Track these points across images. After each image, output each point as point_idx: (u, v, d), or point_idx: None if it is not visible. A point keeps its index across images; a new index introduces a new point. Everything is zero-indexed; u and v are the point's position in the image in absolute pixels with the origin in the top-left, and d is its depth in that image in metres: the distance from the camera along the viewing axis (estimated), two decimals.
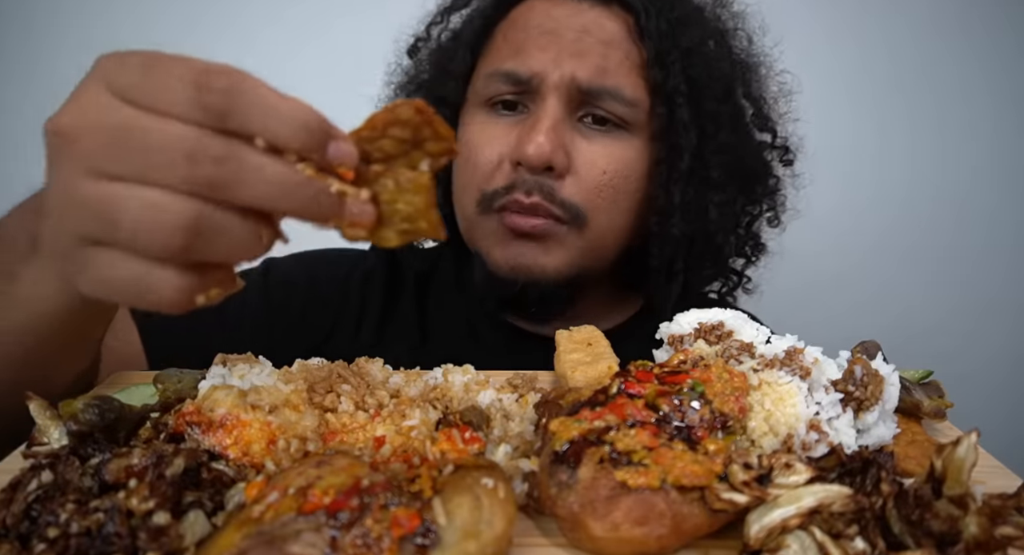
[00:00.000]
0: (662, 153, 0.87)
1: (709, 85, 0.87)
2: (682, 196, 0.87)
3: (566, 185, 0.83)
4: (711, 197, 0.89)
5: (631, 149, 0.86)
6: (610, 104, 0.83)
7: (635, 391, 0.50)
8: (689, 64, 0.85)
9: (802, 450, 0.49)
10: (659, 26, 0.84)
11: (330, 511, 0.37)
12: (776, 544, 0.40)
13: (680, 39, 0.85)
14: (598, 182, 0.84)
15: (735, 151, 0.90)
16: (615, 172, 0.85)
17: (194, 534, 0.39)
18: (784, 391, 0.51)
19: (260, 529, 0.37)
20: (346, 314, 0.96)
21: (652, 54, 0.84)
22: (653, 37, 0.84)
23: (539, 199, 0.83)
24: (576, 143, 0.84)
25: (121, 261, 0.38)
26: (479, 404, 0.58)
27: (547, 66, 0.82)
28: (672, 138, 0.86)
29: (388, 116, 0.41)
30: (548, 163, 0.81)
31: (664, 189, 0.87)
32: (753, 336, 0.60)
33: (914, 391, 0.61)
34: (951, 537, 0.40)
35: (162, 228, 0.36)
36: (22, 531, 0.40)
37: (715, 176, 0.88)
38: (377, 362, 0.64)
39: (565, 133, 0.83)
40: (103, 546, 0.38)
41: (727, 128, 0.89)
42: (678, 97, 0.85)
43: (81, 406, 0.50)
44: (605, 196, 0.85)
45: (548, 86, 0.83)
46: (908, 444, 0.55)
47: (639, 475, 0.42)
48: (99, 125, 0.37)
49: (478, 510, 0.38)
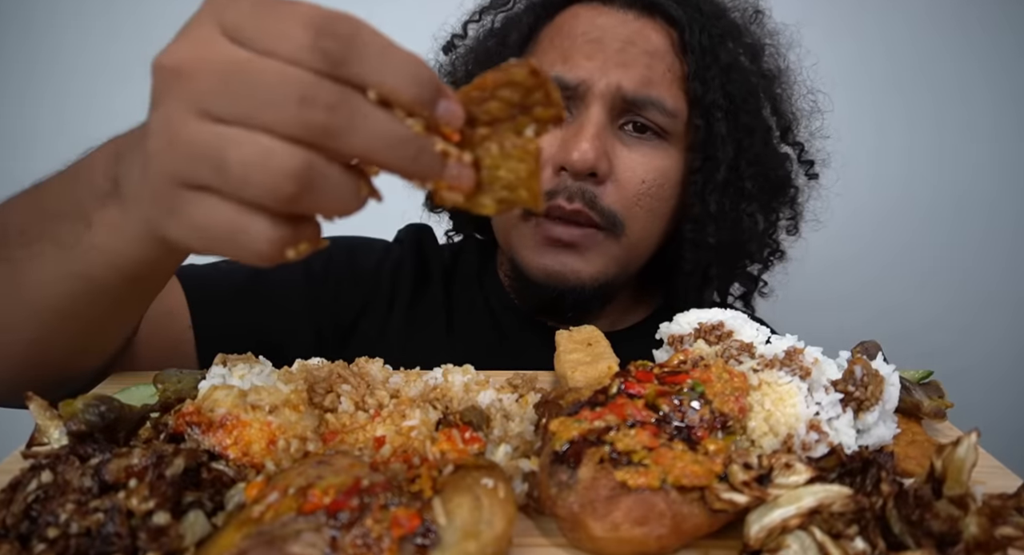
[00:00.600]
0: (698, 163, 0.89)
1: (746, 100, 0.90)
2: (718, 206, 0.90)
3: (606, 191, 0.85)
4: (744, 207, 0.92)
5: (668, 158, 0.88)
6: (651, 113, 0.86)
7: (635, 391, 0.50)
8: (728, 79, 0.88)
9: (802, 450, 0.49)
10: (701, 41, 0.87)
11: (330, 511, 0.37)
12: (776, 544, 0.40)
13: (720, 54, 0.88)
14: (637, 190, 0.86)
15: (766, 163, 0.94)
16: (652, 181, 0.87)
17: (194, 534, 0.39)
18: (784, 391, 0.51)
19: (260, 529, 0.37)
20: (378, 299, 0.97)
21: (694, 68, 0.86)
22: (695, 51, 0.86)
23: (581, 206, 0.84)
24: (617, 150, 0.86)
25: (220, 207, 0.37)
26: (479, 404, 0.58)
27: (593, 74, 0.84)
28: (709, 150, 0.88)
29: (500, 77, 0.39)
30: (592, 169, 0.83)
31: (700, 198, 0.90)
32: (753, 336, 0.60)
33: (914, 391, 0.61)
34: (951, 537, 0.40)
35: (272, 175, 0.35)
36: (22, 531, 0.40)
37: (749, 187, 0.92)
38: (377, 362, 0.64)
39: (607, 140, 0.85)
40: (103, 546, 0.38)
41: (761, 142, 0.92)
42: (716, 111, 0.87)
43: (81, 406, 0.50)
44: (643, 204, 0.87)
45: (594, 94, 0.84)
46: (908, 444, 0.55)
47: (639, 475, 0.42)
48: (211, 64, 0.36)
49: (478, 510, 0.38)
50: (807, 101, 1.01)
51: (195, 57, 0.37)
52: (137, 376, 0.67)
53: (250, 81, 0.35)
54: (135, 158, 0.43)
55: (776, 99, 0.98)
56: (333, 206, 0.38)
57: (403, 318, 0.97)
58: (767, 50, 0.99)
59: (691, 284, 0.97)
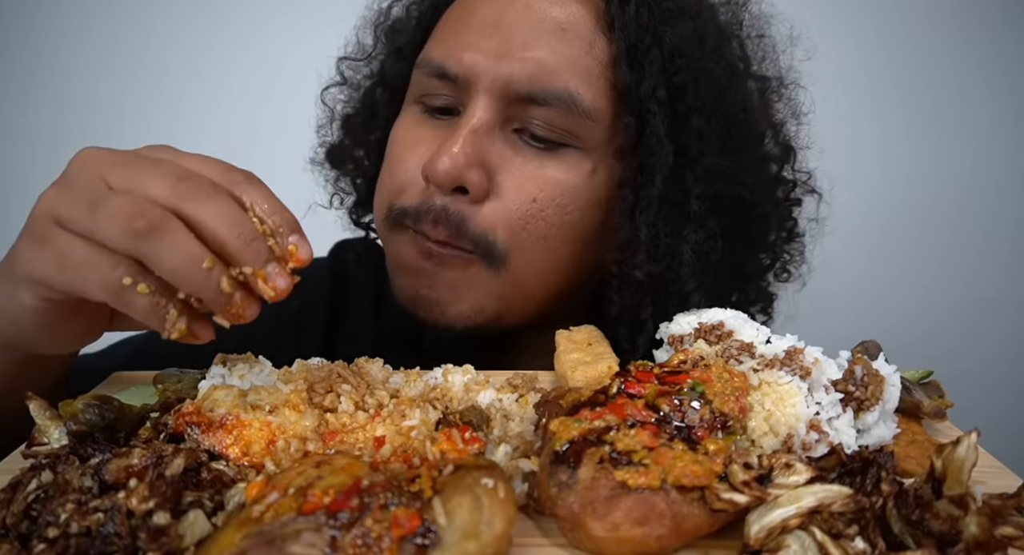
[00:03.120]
0: (627, 174, 0.71)
1: (698, 95, 0.70)
2: (649, 230, 0.71)
3: (483, 212, 0.69)
4: (687, 234, 0.72)
5: (577, 172, 0.70)
6: (553, 115, 0.68)
7: (635, 391, 0.50)
8: (673, 66, 0.69)
9: (802, 450, 0.49)
10: (639, 15, 0.68)
11: (330, 511, 0.37)
12: (776, 544, 0.40)
13: (664, 34, 0.69)
14: (524, 211, 0.69)
15: (727, 181, 0.72)
16: (549, 200, 0.69)
17: (194, 534, 0.39)
18: (784, 391, 0.51)
19: (260, 529, 0.37)
20: (286, 325, 0.87)
21: (623, 49, 0.68)
22: (629, 28, 0.68)
23: (445, 236, 0.70)
24: (505, 160, 0.70)
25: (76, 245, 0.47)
26: (479, 404, 0.58)
27: (479, 64, 0.68)
28: (643, 156, 0.70)
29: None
30: (457, 182, 0.68)
31: (628, 219, 0.71)
32: (753, 336, 0.60)
33: (914, 391, 0.61)
34: (951, 537, 0.40)
35: (91, 281, 0.46)
36: (22, 531, 0.40)
37: (695, 208, 0.71)
38: (377, 362, 0.64)
39: (491, 147, 0.69)
40: (103, 546, 0.38)
41: (716, 150, 0.71)
42: (652, 105, 0.69)
43: (81, 406, 0.50)
44: (533, 229, 0.70)
45: (478, 88, 0.69)
46: (908, 444, 0.55)
47: (639, 475, 0.42)
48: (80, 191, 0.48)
49: (478, 510, 0.38)
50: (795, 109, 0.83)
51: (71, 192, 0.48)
52: (137, 376, 0.67)
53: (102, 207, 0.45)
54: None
55: (750, 100, 0.78)
56: (143, 317, 0.47)
57: (319, 347, 0.85)
58: (749, 44, 0.80)
59: (620, 329, 0.75)
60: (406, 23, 0.83)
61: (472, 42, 0.69)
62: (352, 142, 0.89)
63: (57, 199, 0.48)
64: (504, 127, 0.71)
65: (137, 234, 0.44)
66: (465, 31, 0.71)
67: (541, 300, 0.76)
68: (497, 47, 0.68)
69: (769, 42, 0.82)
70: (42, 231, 0.48)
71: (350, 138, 0.89)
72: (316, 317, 0.89)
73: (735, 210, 0.75)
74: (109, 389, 0.62)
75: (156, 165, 0.47)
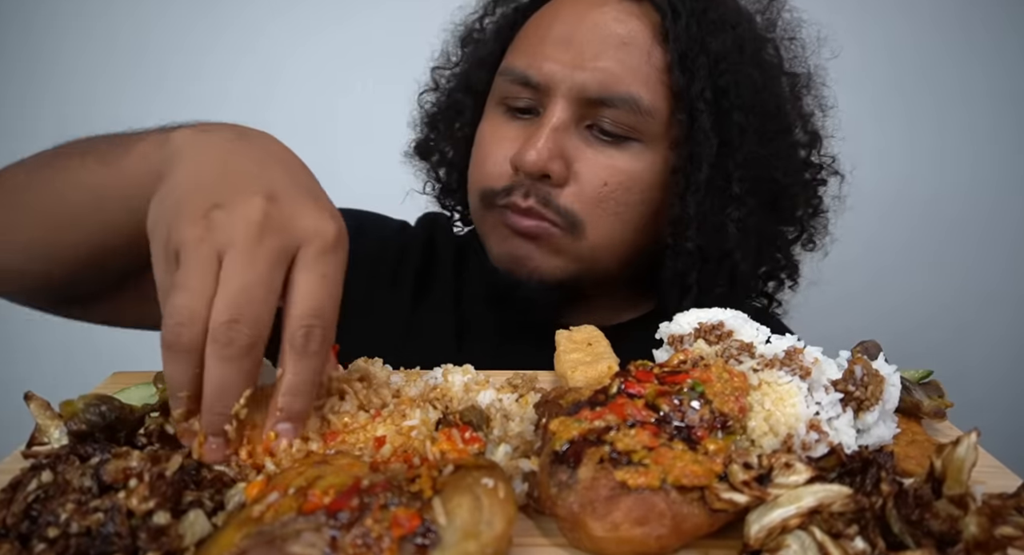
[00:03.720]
0: (680, 162, 0.84)
1: (739, 94, 0.83)
2: (698, 208, 0.84)
3: (565, 193, 0.83)
4: (730, 212, 0.86)
5: (640, 161, 0.84)
6: (619, 114, 0.81)
7: (635, 391, 0.50)
8: (717, 70, 0.82)
9: (802, 450, 0.49)
10: (688, 28, 0.81)
11: (330, 511, 0.37)
12: (776, 544, 0.40)
13: (710, 43, 0.82)
14: (598, 193, 0.83)
15: (763, 166, 0.86)
16: (617, 184, 0.83)
17: (194, 534, 0.39)
18: (784, 391, 0.51)
19: (260, 529, 0.37)
20: (378, 279, 0.96)
21: (676, 57, 0.81)
22: (680, 39, 0.81)
23: (534, 203, 0.83)
24: (580, 152, 0.83)
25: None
26: (479, 404, 0.58)
27: (557, 73, 0.81)
28: (692, 147, 0.83)
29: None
30: (543, 172, 0.81)
31: (680, 199, 0.85)
32: (753, 336, 0.60)
33: (914, 391, 0.61)
34: (951, 537, 0.40)
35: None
36: (22, 531, 0.40)
37: (736, 190, 0.85)
38: (377, 362, 0.64)
39: (568, 142, 0.82)
40: (103, 546, 0.38)
41: (754, 141, 0.85)
42: (700, 103, 0.81)
43: (82, 406, 0.50)
44: (606, 207, 0.83)
45: (557, 94, 0.82)
46: (908, 444, 0.55)
47: (639, 475, 0.42)
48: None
49: (478, 510, 0.38)
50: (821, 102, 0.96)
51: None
52: (137, 376, 0.67)
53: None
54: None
55: (783, 96, 0.91)
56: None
57: (408, 305, 0.96)
58: (782, 46, 0.93)
59: (671, 292, 0.91)
60: (486, 37, 0.97)
61: (550, 54, 0.82)
62: (438, 138, 1.03)
63: (222, 227, 0.46)
64: (578, 124, 0.83)
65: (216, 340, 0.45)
66: (543, 45, 0.84)
67: (612, 265, 0.89)
68: (572, 59, 0.81)
69: (799, 43, 0.95)
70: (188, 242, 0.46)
71: (436, 135, 1.04)
72: (407, 274, 0.99)
73: (769, 191, 0.88)
74: (109, 389, 0.62)
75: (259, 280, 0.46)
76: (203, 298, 0.44)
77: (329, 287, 0.48)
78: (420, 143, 1.06)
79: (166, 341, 0.45)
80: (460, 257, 1.03)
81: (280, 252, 0.47)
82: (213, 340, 0.44)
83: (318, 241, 0.48)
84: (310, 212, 0.49)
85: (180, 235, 0.46)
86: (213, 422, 0.47)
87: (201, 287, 0.45)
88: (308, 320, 0.47)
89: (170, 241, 0.47)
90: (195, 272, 0.45)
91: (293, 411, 0.48)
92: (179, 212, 0.47)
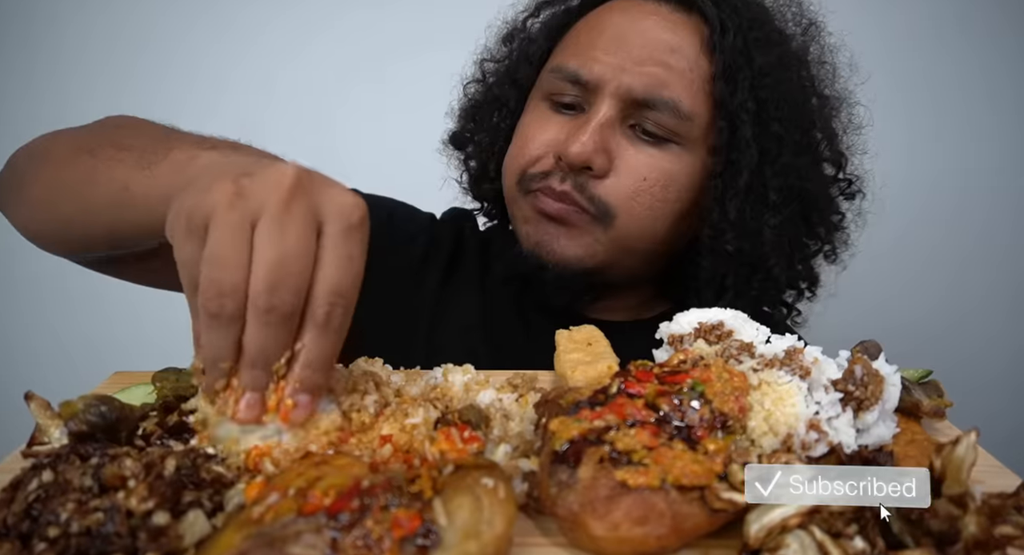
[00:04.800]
0: (719, 167, 0.87)
1: (779, 107, 0.87)
2: (738, 212, 0.88)
3: (603, 184, 0.86)
4: (767, 219, 0.89)
5: (677, 162, 0.87)
6: (662, 117, 0.84)
7: (635, 391, 0.50)
8: (760, 84, 0.86)
9: (802, 450, 0.49)
10: (734, 42, 0.85)
11: (330, 512, 0.37)
12: (776, 544, 0.40)
13: (755, 58, 0.85)
14: (637, 187, 0.86)
15: (797, 177, 0.90)
16: (656, 180, 0.86)
17: (194, 534, 0.39)
18: (784, 391, 0.51)
19: (260, 530, 0.37)
20: (403, 270, 0.98)
21: (720, 68, 0.85)
22: (726, 52, 0.85)
23: (570, 188, 0.86)
24: (623, 149, 0.86)
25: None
26: (479, 404, 0.58)
27: (607, 73, 0.84)
28: (732, 154, 0.86)
29: None
30: (587, 163, 0.84)
31: (720, 203, 0.88)
32: (753, 336, 0.60)
33: (913, 391, 0.61)
34: (950, 536, 0.40)
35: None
36: (23, 530, 0.40)
37: (773, 198, 0.88)
38: (377, 361, 0.64)
39: (612, 137, 0.86)
40: (103, 546, 0.38)
41: (791, 152, 0.88)
42: (743, 114, 0.85)
43: (82, 406, 0.50)
44: (641, 201, 0.86)
45: (605, 92, 0.85)
46: (908, 444, 0.55)
47: (639, 475, 0.42)
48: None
49: (479, 510, 0.38)
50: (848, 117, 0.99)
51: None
52: (137, 376, 0.67)
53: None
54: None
55: (816, 114, 0.94)
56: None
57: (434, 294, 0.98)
58: (819, 66, 0.96)
59: (707, 292, 0.94)
60: (535, 35, 0.99)
61: (600, 56, 0.86)
62: (476, 129, 1.06)
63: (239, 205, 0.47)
64: (622, 123, 0.87)
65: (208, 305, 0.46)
66: (595, 47, 0.87)
67: (637, 259, 0.92)
68: (621, 61, 0.84)
69: (829, 68, 0.98)
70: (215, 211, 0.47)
71: (474, 126, 1.07)
72: (436, 265, 1.01)
73: (802, 201, 0.92)
74: (109, 389, 0.62)
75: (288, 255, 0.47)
76: (241, 268, 0.45)
77: (354, 267, 0.49)
78: (456, 134, 1.09)
79: (210, 311, 0.45)
80: (485, 251, 1.05)
81: (310, 218, 0.47)
82: (254, 307, 0.45)
83: (344, 216, 0.48)
84: (337, 188, 0.50)
85: (209, 203, 0.46)
86: (255, 377, 0.48)
87: (238, 256, 0.45)
88: (332, 298, 0.47)
89: (196, 213, 0.46)
90: (230, 240, 0.45)
91: (311, 384, 0.49)
92: (205, 188, 0.48)
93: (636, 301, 1.01)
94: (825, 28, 0.98)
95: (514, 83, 0.99)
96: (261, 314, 0.45)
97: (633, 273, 0.95)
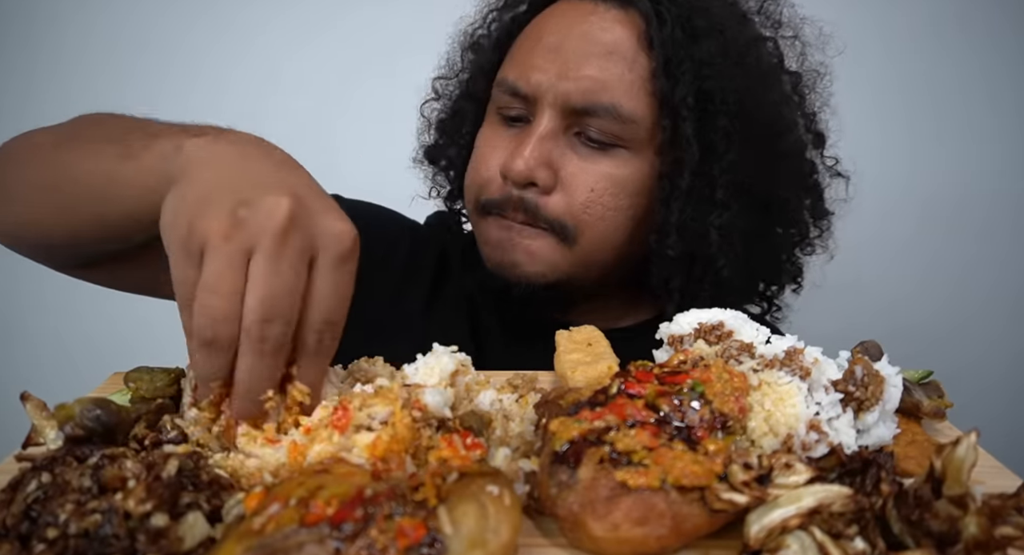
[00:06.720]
0: (666, 168, 0.85)
1: (724, 100, 0.83)
2: (679, 214, 0.84)
3: (552, 200, 0.84)
4: (712, 219, 0.85)
5: (626, 167, 0.84)
6: (603, 123, 0.82)
7: (635, 391, 0.50)
8: (703, 75, 0.81)
9: (802, 450, 0.49)
10: (673, 34, 0.81)
11: (333, 522, 0.36)
12: (776, 544, 0.40)
13: (695, 49, 0.81)
14: (586, 198, 0.84)
15: (752, 171, 0.85)
16: (603, 189, 0.84)
17: (194, 537, 0.39)
18: (784, 391, 0.51)
19: (262, 541, 0.36)
20: (387, 279, 0.97)
21: (660, 63, 0.81)
22: (665, 45, 0.81)
23: (524, 218, 0.85)
24: (567, 159, 0.84)
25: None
26: (479, 406, 0.58)
27: (543, 84, 0.83)
28: (676, 153, 0.83)
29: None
30: (529, 179, 0.83)
31: (664, 206, 0.85)
32: (753, 336, 0.60)
33: (914, 391, 0.61)
34: (951, 537, 0.40)
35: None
36: (22, 531, 0.39)
37: (720, 196, 0.85)
38: (377, 361, 0.64)
39: (555, 149, 0.84)
40: (101, 547, 0.38)
41: (739, 146, 0.84)
42: (683, 110, 0.81)
43: (78, 411, 0.49)
44: (593, 212, 0.84)
45: (544, 103, 0.83)
46: (908, 444, 0.55)
47: (639, 475, 0.42)
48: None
49: (484, 518, 0.38)
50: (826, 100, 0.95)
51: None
52: None
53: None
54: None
55: (787, 96, 0.90)
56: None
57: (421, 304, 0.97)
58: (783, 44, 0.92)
59: (660, 297, 0.92)
60: (485, 47, 0.98)
61: (538, 65, 0.84)
62: (447, 143, 1.05)
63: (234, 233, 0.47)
64: (565, 132, 0.85)
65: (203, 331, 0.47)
66: (532, 56, 0.85)
67: (603, 268, 0.90)
68: (558, 69, 0.82)
69: (801, 41, 0.94)
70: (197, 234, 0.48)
71: (444, 140, 1.06)
72: (421, 271, 1.00)
73: (760, 195, 0.88)
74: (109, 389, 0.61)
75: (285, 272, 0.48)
76: (235, 296, 0.47)
77: (343, 295, 0.51)
78: (429, 148, 1.09)
79: (204, 338, 0.47)
80: (468, 255, 1.03)
81: (304, 252, 0.49)
82: (247, 336, 0.47)
83: (336, 246, 0.50)
84: (330, 215, 0.51)
85: (205, 231, 0.47)
86: (245, 408, 0.49)
87: (232, 285, 0.47)
88: (322, 326, 0.50)
89: (193, 236, 0.48)
90: (225, 270, 0.46)
91: (304, 405, 0.51)
92: (203, 208, 0.49)
93: (609, 310, 0.98)
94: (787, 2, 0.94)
95: (471, 97, 0.98)
96: (255, 343, 0.47)
97: (599, 282, 0.92)
